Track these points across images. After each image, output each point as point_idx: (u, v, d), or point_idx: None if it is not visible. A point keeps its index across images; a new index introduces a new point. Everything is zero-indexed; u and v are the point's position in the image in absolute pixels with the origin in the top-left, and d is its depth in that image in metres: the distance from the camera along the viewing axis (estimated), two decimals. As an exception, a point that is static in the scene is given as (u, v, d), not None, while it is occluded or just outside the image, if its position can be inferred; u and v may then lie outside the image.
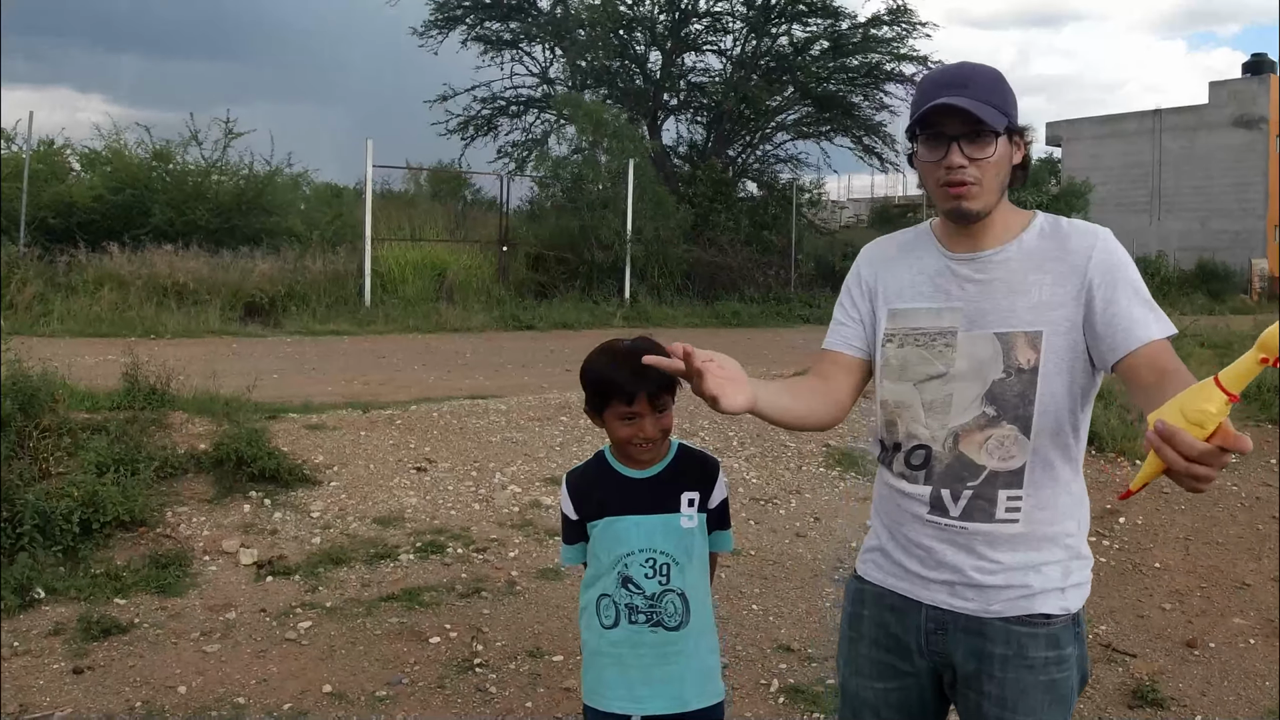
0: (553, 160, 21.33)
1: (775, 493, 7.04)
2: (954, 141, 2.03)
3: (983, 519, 2.09)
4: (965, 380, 2.10)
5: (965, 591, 2.11)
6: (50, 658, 4.39)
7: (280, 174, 18.44)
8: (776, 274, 21.39)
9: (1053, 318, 2.05)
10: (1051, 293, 2.06)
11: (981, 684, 2.10)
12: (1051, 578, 2.10)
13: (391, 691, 4.22)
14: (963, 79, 2.07)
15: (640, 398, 2.47)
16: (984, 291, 2.11)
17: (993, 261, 2.12)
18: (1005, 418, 2.07)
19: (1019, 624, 2.08)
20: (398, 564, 5.55)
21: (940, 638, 2.14)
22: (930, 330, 2.15)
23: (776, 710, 4.18)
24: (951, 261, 2.16)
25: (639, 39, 26.05)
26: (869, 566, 2.30)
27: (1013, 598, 2.09)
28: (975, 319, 2.10)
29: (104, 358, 8.86)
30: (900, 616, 2.20)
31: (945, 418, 2.12)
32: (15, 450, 5.60)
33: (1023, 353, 2.06)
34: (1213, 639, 5.01)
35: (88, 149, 17.91)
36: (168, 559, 5.34)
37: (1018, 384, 2.06)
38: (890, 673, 2.22)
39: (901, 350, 2.18)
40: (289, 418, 7.27)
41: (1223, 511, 7.04)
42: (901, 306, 2.20)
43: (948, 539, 2.12)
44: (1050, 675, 2.08)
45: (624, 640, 2.52)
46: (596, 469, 2.63)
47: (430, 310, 15.70)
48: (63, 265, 13.96)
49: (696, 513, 2.57)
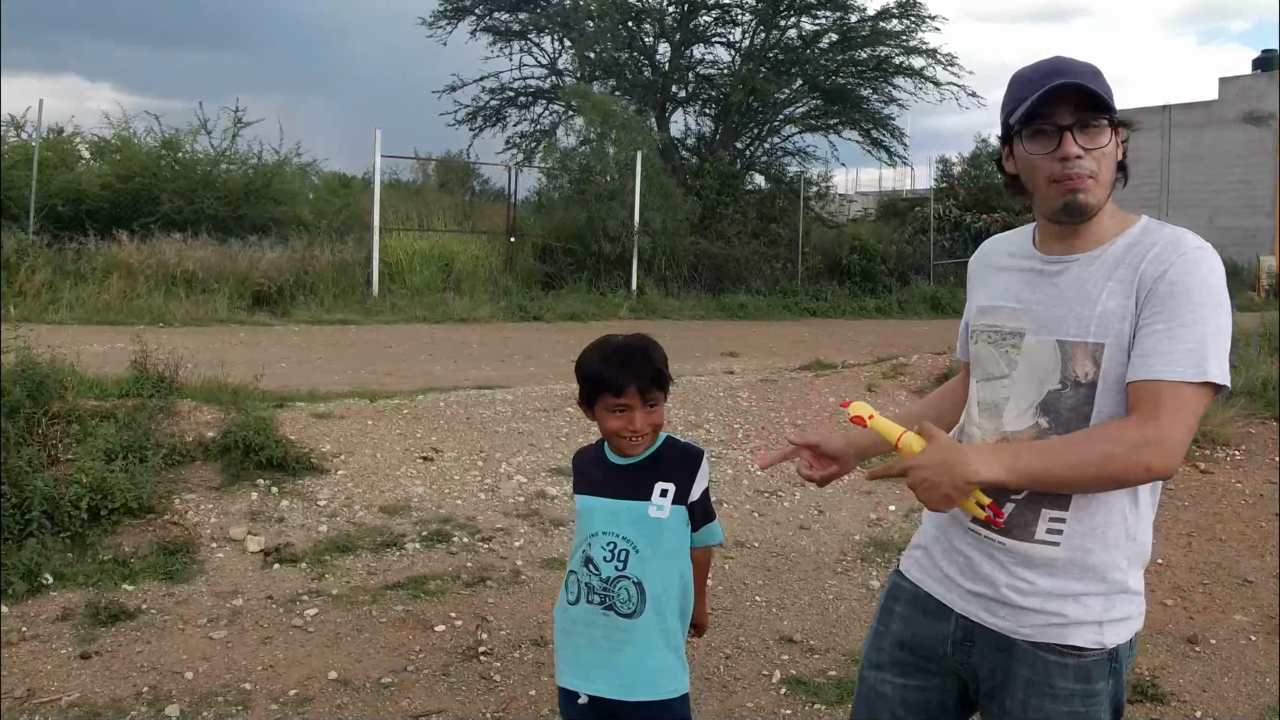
0: (561, 152, 21.33)
1: (779, 485, 7.05)
2: (1066, 131, 1.93)
3: (1021, 536, 1.99)
4: (1022, 386, 2.02)
5: (999, 609, 2.03)
6: (58, 643, 4.42)
7: (289, 163, 18.45)
8: (783, 267, 21.38)
9: (1116, 330, 1.92)
10: (1117, 303, 1.93)
11: (1004, 702, 2.04)
12: (1090, 610, 1.99)
13: (396, 679, 4.25)
14: (1065, 67, 1.96)
15: (630, 390, 2.51)
16: (1057, 295, 2.00)
17: (1075, 265, 2.00)
18: (1057, 431, 1.96)
19: (1048, 651, 1.99)
20: (404, 552, 5.58)
21: (967, 649, 2.09)
22: (1004, 329, 2.07)
23: (778, 701, 4.20)
24: (1041, 261, 2.07)
25: (648, 31, 26.01)
26: (911, 564, 2.25)
27: (1044, 624, 1.99)
28: (1044, 323, 2.00)
29: (112, 346, 8.90)
30: (931, 620, 2.15)
31: (998, 421, 2.05)
32: (24, 437, 5.63)
33: (1081, 365, 1.94)
34: (1214, 635, 5.02)
35: (97, 137, 17.91)
36: (175, 546, 5.38)
37: (1074, 398, 1.95)
38: (912, 671, 2.17)
39: (977, 347, 2.14)
40: (296, 406, 7.30)
41: (1226, 508, 7.04)
42: (988, 304, 2.15)
43: (986, 552, 2.05)
44: (1074, 708, 1.99)
45: (581, 618, 2.58)
46: (595, 450, 2.71)
47: (437, 300, 15.72)
48: (71, 253, 13.99)
49: (670, 504, 2.56)
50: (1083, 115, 1.92)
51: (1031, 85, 1.95)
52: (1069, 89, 1.90)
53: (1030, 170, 1.99)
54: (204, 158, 17.53)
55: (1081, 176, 1.92)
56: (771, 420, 8.33)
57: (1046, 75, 1.94)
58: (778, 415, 8.46)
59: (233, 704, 3.99)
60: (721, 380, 9.33)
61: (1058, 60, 1.99)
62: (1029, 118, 1.94)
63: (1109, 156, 1.95)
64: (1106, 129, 1.93)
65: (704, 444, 7.62)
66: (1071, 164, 1.92)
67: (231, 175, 17.48)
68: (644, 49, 26.07)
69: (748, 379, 9.56)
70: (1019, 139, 1.99)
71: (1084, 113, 1.92)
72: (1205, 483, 7.58)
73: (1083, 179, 1.93)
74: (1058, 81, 1.90)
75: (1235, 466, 7.97)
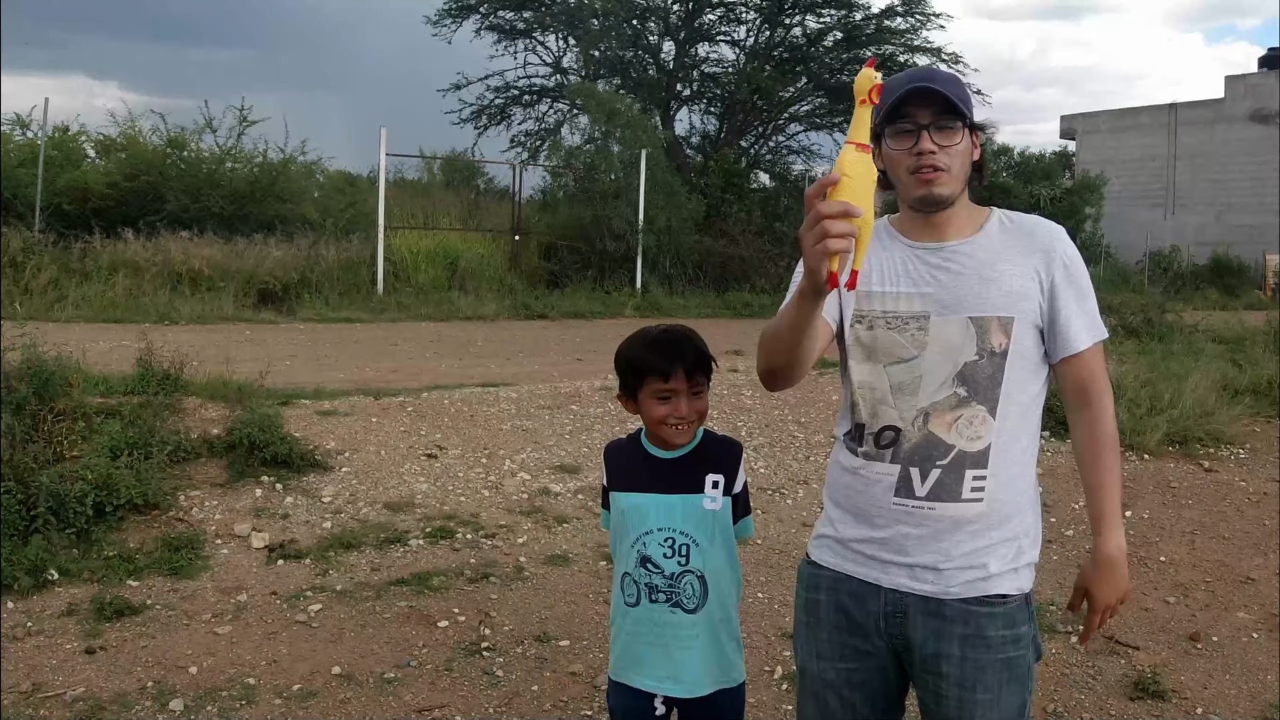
0: (565, 150, 21.31)
1: (783, 482, 7.07)
2: (923, 130, 2.13)
3: (949, 498, 2.15)
4: (936, 361, 2.16)
5: (925, 574, 2.17)
6: (63, 638, 4.45)
7: (294, 161, 18.48)
8: (788, 265, 21.28)
9: (1023, 307, 2.15)
10: (1021, 284, 2.16)
11: (940, 665, 2.16)
12: (1006, 558, 2.17)
13: (400, 674, 4.26)
14: (928, 74, 2.20)
15: (677, 374, 2.50)
16: (956, 279, 2.17)
17: (961, 251, 2.19)
18: (975, 398, 2.14)
19: (977, 604, 2.15)
20: (407, 549, 5.60)
21: (899, 620, 2.20)
22: (903, 314, 2.19)
23: (780, 696, 4.22)
24: (918, 250, 2.23)
25: (652, 29, 26.01)
26: (824, 552, 2.33)
27: (971, 579, 2.15)
28: (949, 304, 2.16)
29: (118, 343, 8.92)
30: (859, 600, 2.24)
31: (915, 398, 2.17)
32: (30, 433, 5.66)
33: (995, 337, 2.14)
34: (1216, 633, 5.03)
35: (103, 135, 17.95)
36: (180, 542, 5.40)
37: (989, 366, 2.14)
38: (851, 654, 2.26)
39: (871, 332, 2.23)
40: (301, 404, 7.32)
41: (1229, 506, 7.05)
42: (869, 289, 2.24)
43: (914, 522, 2.17)
44: (1007, 654, 2.16)
45: (645, 619, 2.55)
46: (630, 444, 2.68)
47: (443, 298, 15.73)
48: (77, 251, 14.02)
49: (721, 495, 2.57)
50: (939, 117, 2.13)
51: (897, 88, 2.15)
52: (926, 92, 2.12)
53: (893, 164, 2.19)
54: (210, 156, 17.56)
55: (936, 169, 2.14)
56: (774, 418, 8.34)
57: (909, 80, 2.16)
58: (781, 413, 8.47)
59: (237, 699, 4.01)
60: (725, 378, 9.33)
61: (925, 69, 2.30)
62: (892, 117, 2.15)
63: (962, 154, 2.17)
64: (960, 130, 2.15)
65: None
66: (927, 158, 2.13)
67: (237, 173, 17.50)
68: (649, 47, 26.07)
69: (751, 377, 9.55)
70: (885, 137, 2.18)
71: (941, 116, 2.13)
72: (1209, 481, 7.59)
73: (937, 172, 2.14)
74: (916, 84, 2.14)
75: (1239, 465, 7.98)
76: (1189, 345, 12.45)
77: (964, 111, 2.13)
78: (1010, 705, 2.17)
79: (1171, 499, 7.15)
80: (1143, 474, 7.62)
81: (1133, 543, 6.31)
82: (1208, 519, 6.78)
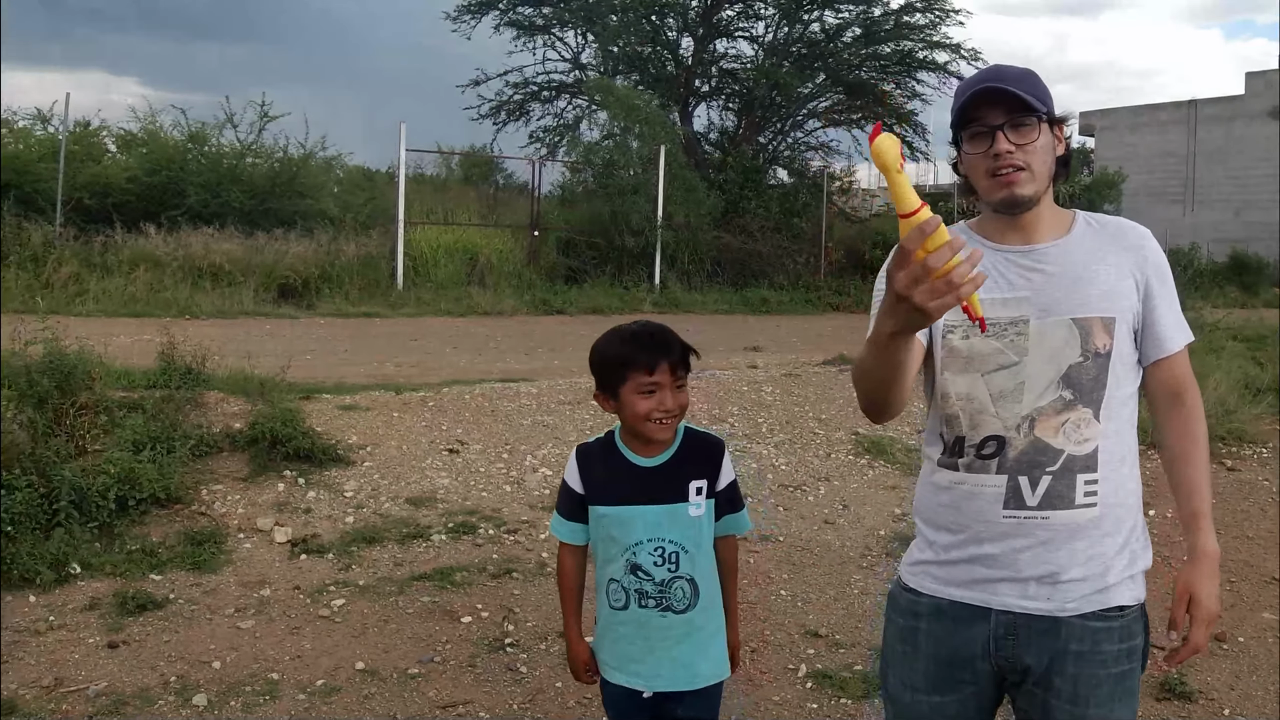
0: (584, 145, 21.30)
1: (804, 479, 7.05)
2: (998, 130, 2.06)
3: (1062, 505, 2.07)
4: (1039, 366, 2.08)
5: (1039, 591, 2.08)
6: (85, 632, 4.46)
7: (314, 157, 18.47)
8: (806, 261, 21.32)
9: (1122, 306, 2.10)
10: (1117, 284, 2.11)
11: (1051, 681, 2.09)
12: (1124, 566, 2.12)
13: (423, 669, 4.26)
14: (997, 73, 2.11)
15: (662, 366, 2.47)
16: (1051, 281, 2.10)
17: (1053, 253, 2.13)
18: (1081, 401, 2.08)
19: (1095, 619, 2.08)
20: (430, 544, 5.60)
21: (1010, 642, 2.10)
22: (1001, 320, 2.09)
23: (804, 695, 4.20)
24: (1007, 254, 2.14)
25: (671, 25, 25.93)
26: (923, 578, 2.22)
27: (1088, 592, 2.08)
28: (1048, 307, 2.09)
29: (139, 337, 8.95)
30: (964, 627, 2.14)
31: (1019, 405, 2.09)
32: (52, 427, 5.67)
33: (1099, 338, 2.08)
34: (1242, 633, 4.99)
35: (123, 131, 17.98)
36: (203, 536, 5.41)
37: (1093, 368, 2.08)
38: (949, 685, 2.17)
39: (968, 342, 2.12)
40: (323, 398, 7.34)
41: (1253, 506, 7.01)
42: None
43: (1025, 532, 2.08)
44: (1121, 668, 2.10)
45: (632, 621, 2.54)
46: (604, 451, 2.60)
47: (462, 294, 15.75)
48: (98, 246, 14.07)
49: (705, 500, 2.55)
50: (1013, 116, 2.06)
51: (965, 91, 2.11)
52: (994, 93, 2.06)
53: (972, 168, 2.14)
54: (230, 151, 17.58)
55: (1014, 170, 2.07)
56: (795, 415, 8.32)
57: (978, 82, 2.10)
58: (801, 409, 8.45)
59: (260, 694, 4.01)
60: (745, 374, 9.31)
61: (993, 67, 2.18)
62: (965, 122, 2.11)
63: (1041, 151, 2.09)
64: (1036, 126, 2.08)
65: (727, 438, 7.62)
66: (1005, 158, 2.06)
67: (257, 169, 17.52)
68: (667, 43, 26.00)
69: (771, 373, 9.55)
70: (962, 143, 2.14)
71: (1015, 114, 2.06)
72: (1233, 480, 7.54)
73: (1017, 172, 2.07)
74: (981, 85, 2.07)
75: (1262, 464, 7.92)
76: (1209, 343, 12.36)
77: (1037, 107, 2.06)
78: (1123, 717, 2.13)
79: (1195, 498, 7.09)
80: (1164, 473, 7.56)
81: (1156, 542, 6.24)
82: (1231, 518, 6.73)
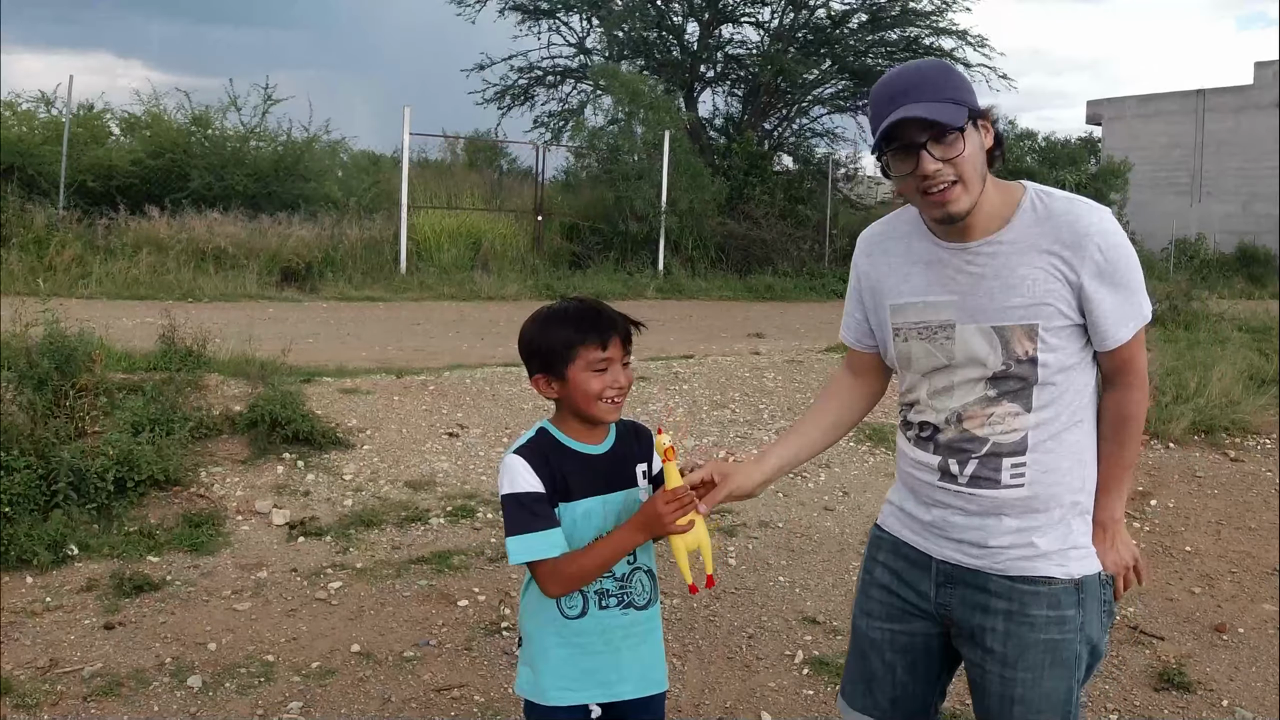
0: (589, 131, 21.29)
1: (804, 466, 7.02)
2: (921, 149, 1.99)
3: (988, 486, 2.16)
4: (966, 369, 2.16)
5: (974, 549, 2.20)
6: (82, 613, 4.46)
7: (318, 141, 18.50)
8: (811, 248, 21.27)
9: (1047, 312, 2.08)
10: (1045, 287, 2.07)
11: (985, 639, 2.19)
12: (1052, 540, 2.16)
13: (419, 652, 4.26)
14: (909, 85, 2.01)
15: (614, 340, 2.29)
16: (977, 284, 2.12)
17: (982, 253, 2.12)
18: (1007, 398, 2.14)
19: (1023, 583, 2.16)
20: (428, 527, 5.60)
21: (949, 591, 2.24)
22: (931, 324, 2.19)
23: (801, 681, 4.19)
24: (943, 251, 2.17)
25: (676, 10, 25.89)
26: (889, 518, 2.42)
27: (1016, 558, 2.16)
28: (972, 312, 2.12)
29: (141, 320, 8.95)
30: (914, 568, 2.31)
31: (949, 400, 2.19)
32: (52, 409, 5.67)
33: (1020, 345, 2.10)
34: (1242, 624, 4.97)
35: (127, 113, 18.02)
36: (201, 518, 5.41)
37: (1019, 371, 2.11)
38: (899, 615, 2.33)
39: (907, 344, 2.25)
40: (323, 381, 7.33)
41: (1255, 497, 6.98)
42: (901, 301, 2.25)
43: (959, 504, 2.21)
44: (1050, 635, 2.15)
45: (592, 628, 2.32)
46: (547, 445, 2.35)
47: (465, 278, 15.75)
48: (102, 228, 14.08)
49: (648, 484, 2.41)
50: (936, 129, 1.97)
51: (881, 112, 2.01)
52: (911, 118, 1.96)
53: (902, 186, 2.09)
54: (234, 134, 17.61)
55: (945, 188, 2.01)
56: (797, 401, 8.30)
57: (893, 99, 1.99)
58: (804, 396, 8.43)
59: (256, 675, 4.00)
60: (748, 360, 9.29)
61: (903, 74, 2.05)
62: (888, 139, 2.02)
63: (971, 158, 2.01)
64: (960, 136, 1.98)
65: (729, 423, 7.61)
66: (933, 178, 2.00)
67: (261, 152, 17.55)
68: (672, 28, 25.95)
69: (774, 360, 9.53)
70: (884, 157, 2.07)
71: (935, 127, 1.97)
72: (1235, 471, 7.52)
73: (947, 191, 2.01)
74: (897, 115, 1.96)
75: (1265, 455, 7.90)
76: (1215, 334, 12.33)
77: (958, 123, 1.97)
78: (1054, 689, 2.17)
79: (1197, 488, 7.09)
80: (1168, 463, 7.55)
81: (1157, 532, 6.26)
82: (1234, 509, 6.71)
